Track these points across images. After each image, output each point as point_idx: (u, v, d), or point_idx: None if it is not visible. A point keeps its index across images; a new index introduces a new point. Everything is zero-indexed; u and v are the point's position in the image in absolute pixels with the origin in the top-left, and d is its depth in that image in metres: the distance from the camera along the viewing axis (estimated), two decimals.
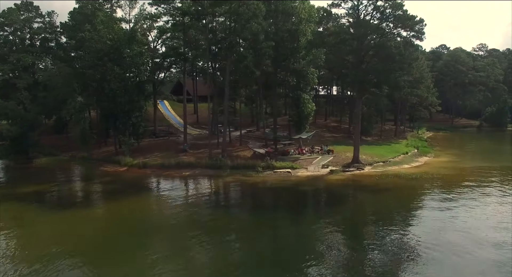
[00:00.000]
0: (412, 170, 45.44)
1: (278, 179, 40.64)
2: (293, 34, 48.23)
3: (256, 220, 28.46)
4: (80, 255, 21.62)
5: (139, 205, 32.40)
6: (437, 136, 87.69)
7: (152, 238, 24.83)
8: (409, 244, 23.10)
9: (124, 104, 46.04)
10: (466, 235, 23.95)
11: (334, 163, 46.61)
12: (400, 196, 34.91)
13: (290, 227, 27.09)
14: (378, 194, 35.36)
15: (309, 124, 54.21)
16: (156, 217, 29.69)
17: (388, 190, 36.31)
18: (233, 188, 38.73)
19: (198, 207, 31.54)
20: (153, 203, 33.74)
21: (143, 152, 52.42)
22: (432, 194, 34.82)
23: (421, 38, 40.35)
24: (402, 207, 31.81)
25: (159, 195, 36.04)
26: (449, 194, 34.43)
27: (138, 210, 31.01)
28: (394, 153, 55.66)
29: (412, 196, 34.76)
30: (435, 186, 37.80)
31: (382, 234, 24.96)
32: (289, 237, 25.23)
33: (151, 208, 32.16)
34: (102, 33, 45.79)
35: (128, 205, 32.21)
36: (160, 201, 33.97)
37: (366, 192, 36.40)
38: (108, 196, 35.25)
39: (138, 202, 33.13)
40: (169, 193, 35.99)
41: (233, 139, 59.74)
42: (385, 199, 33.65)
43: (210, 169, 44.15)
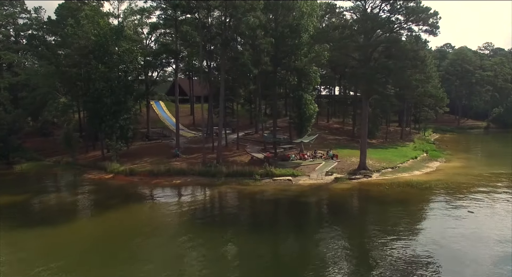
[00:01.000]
0: (424, 177, 41.60)
1: (277, 188, 36.83)
2: (294, 30, 44.45)
3: (253, 240, 24.67)
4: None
5: (118, 221, 28.59)
6: (444, 138, 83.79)
7: (127, 265, 21.07)
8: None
9: (110, 105, 42.25)
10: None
11: (339, 170, 42.82)
12: (415, 211, 30.94)
13: (291, 248, 23.44)
14: (390, 207, 31.46)
15: (311, 126, 50.35)
16: (134, 239, 25.68)
17: (400, 203, 32.44)
18: (227, 200, 34.78)
19: (183, 226, 27.67)
20: (133, 220, 29.05)
21: (132, 157, 48.70)
22: (452, 208, 30.87)
23: (435, 33, 36.55)
24: (417, 223, 27.97)
25: (142, 209, 31.63)
26: (472, 206, 30.65)
27: (117, 228, 27.22)
28: (402, 157, 51.92)
29: (428, 210, 30.78)
30: (453, 197, 33.87)
31: (398, 261, 21.15)
32: (291, 260, 21.58)
33: (131, 227, 27.58)
34: (86, 28, 42.01)
35: (105, 221, 28.44)
36: (141, 218, 29.48)
37: (376, 204, 32.44)
38: (86, 209, 31.55)
39: (118, 218, 29.26)
40: (153, 206, 32.18)
41: (230, 142, 56.02)
42: (398, 214, 29.71)
43: (203, 176, 40.38)
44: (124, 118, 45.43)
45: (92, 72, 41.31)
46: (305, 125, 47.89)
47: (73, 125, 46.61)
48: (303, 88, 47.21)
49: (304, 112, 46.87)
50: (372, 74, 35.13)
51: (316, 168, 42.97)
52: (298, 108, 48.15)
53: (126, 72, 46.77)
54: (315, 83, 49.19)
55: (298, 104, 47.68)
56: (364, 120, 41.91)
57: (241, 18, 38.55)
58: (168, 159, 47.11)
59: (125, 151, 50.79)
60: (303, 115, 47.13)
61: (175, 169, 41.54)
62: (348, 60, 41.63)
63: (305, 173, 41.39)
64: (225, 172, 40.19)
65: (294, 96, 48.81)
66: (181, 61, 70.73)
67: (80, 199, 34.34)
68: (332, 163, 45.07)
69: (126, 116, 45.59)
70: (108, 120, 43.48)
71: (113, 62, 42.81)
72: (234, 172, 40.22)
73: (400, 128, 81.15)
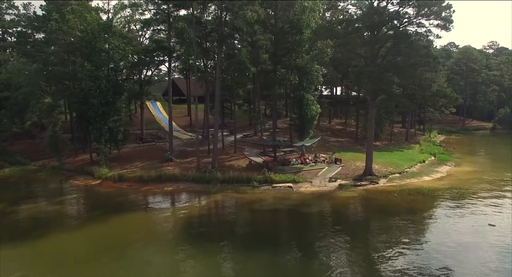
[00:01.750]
0: (435, 184, 38.64)
1: (277, 196, 33.87)
2: (295, 25, 41.47)
3: (251, 258, 21.74)
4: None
5: (100, 236, 25.60)
6: (450, 140, 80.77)
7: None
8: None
9: (98, 106, 39.31)
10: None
11: (343, 175, 39.90)
12: (430, 224, 27.73)
13: (292, 268, 20.52)
14: (401, 219, 28.43)
15: (313, 128, 47.31)
16: (115, 258, 22.77)
17: (412, 213, 29.45)
18: (221, 211, 31.76)
19: (172, 242, 24.69)
20: (115, 235, 25.84)
21: (123, 160, 45.82)
22: (470, 220, 27.91)
23: (448, 28, 33.55)
24: (435, 240, 24.92)
25: (126, 222, 28.33)
26: (492, 217, 27.71)
27: (98, 244, 24.24)
28: (409, 161, 49.01)
29: (445, 223, 27.54)
30: (469, 207, 30.84)
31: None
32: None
33: (113, 243, 24.41)
34: (71, 24, 39.08)
35: (85, 235, 25.50)
36: (124, 233, 26.36)
37: (386, 216, 29.14)
38: (65, 222, 28.28)
39: (100, 232, 26.27)
40: (140, 218, 29.00)
41: (227, 145, 53.12)
42: (412, 227, 26.72)
43: (197, 183, 37.50)
44: (114, 120, 42.48)
45: (78, 70, 38.34)
46: (307, 127, 44.85)
47: (59, 127, 43.53)
48: (304, 88, 44.19)
49: (306, 113, 43.84)
50: (380, 72, 32.15)
51: (318, 173, 40.05)
52: (299, 109, 45.16)
53: (116, 71, 43.90)
54: (317, 82, 46.13)
55: (299, 104, 44.69)
56: (370, 122, 38.97)
57: (238, 12, 35.58)
58: (160, 163, 44.24)
59: (115, 155, 47.99)
60: (305, 117, 44.11)
61: (166, 175, 38.62)
62: (353, 58, 38.70)
63: (307, 179, 38.48)
64: (220, 179, 37.29)
65: (295, 96, 45.80)
66: (178, 60, 68.14)
67: (60, 209, 31.20)
68: (335, 168, 42.15)
69: (115, 117, 42.63)
70: (96, 122, 40.54)
71: (101, 60, 39.86)
72: (230, 178, 37.30)
73: (405, 130, 78.54)
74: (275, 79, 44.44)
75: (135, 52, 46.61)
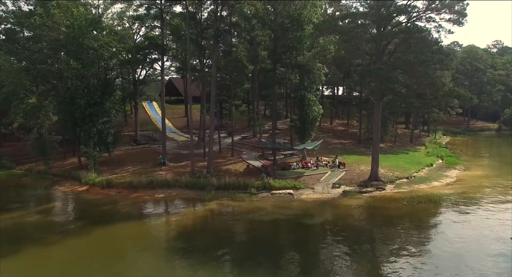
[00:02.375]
0: (445, 190, 36.07)
1: (276, 204, 31.27)
2: (296, 21, 38.92)
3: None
4: None
5: (79, 252, 23.04)
6: (456, 141, 78.23)
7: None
8: None
9: (84, 106, 36.75)
10: None
11: (347, 181, 37.32)
12: (445, 238, 25.02)
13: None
14: (413, 231, 25.89)
15: (315, 130, 44.71)
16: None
17: (425, 224, 26.84)
18: (215, 221, 28.89)
19: (159, 260, 22.15)
20: (96, 252, 23.06)
21: (113, 164, 43.28)
22: (489, 232, 25.30)
23: (462, 22, 30.97)
24: (455, 258, 22.32)
25: (110, 235, 25.68)
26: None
27: (76, 263, 21.67)
28: (416, 165, 46.47)
29: (463, 236, 24.81)
30: (486, 217, 28.29)
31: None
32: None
33: (94, 260, 21.78)
34: (57, 19, 36.53)
35: (63, 252, 22.94)
36: (106, 249, 23.72)
37: (396, 227, 26.61)
38: (42, 235, 25.34)
39: (80, 247, 23.74)
40: (124, 231, 26.31)
41: (225, 147, 50.56)
42: (425, 241, 24.16)
43: (191, 189, 34.97)
44: (103, 121, 39.89)
45: (63, 68, 35.81)
46: (308, 128, 42.25)
47: (46, 129, 41.04)
48: (305, 87, 41.60)
49: (307, 114, 41.23)
50: (388, 70, 29.55)
51: (321, 179, 37.48)
52: (300, 110, 42.55)
53: (106, 70, 41.39)
54: (319, 81, 43.55)
55: (300, 105, 42.09)
56: (376, 124, 36.37)
57: (235, 5, 33.02)
58: (153, 167, 41.69)
59: (106, 158, 45.47)
60: (306, 118, 41.50)
61: (158, 181, 36.04)
62: (358, 55, 36.15)
63: (309, 185, 35.91)
64: (215, 185, 34.74)
65: (295, 96, 43.17)
66: (174, 59, 65.55)
67: (39, 220, 28.35)
68: (339, 172, 39.56)
69: (105, 119, 40.03)
70: (84, 124, 37.97)
71: (89, 57, 37.29)
72: (226, 184, 34.74)
73: (409, 131, 76.04)
74: (275, 78, 41.89)
75: (126, 49, 43.97)
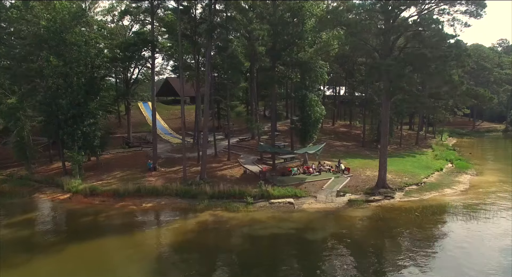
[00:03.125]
0: (460, 198, 33.05)
1: (275, 216, 28.23)
2: (296, 15, 36.02)
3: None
4: None
5: (53, 273, 20.11)
6: (463, 143, 75.09)
7: None
8: None
9: (67, 107, 33.81)
10: None
11: (352, 188, 34.33)
12: (471, 261, 21.73)
13: None
14: (431, 250, 22.86)
15: (317, 133, 41.68)
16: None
17: (447, 247, 23.56)
18: (204, 237, 25.26)
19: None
20: (71, 272, 20.26)
21: (101, 169, 40.36)
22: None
23: (480, 14, 27.97)
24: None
25: (86, 251, 22.66)
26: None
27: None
28: (424, 169, 43.53)
29: (493, 256, 21.81)
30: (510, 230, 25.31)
31: None
32: None
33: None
34: (36, 12, 33.60)
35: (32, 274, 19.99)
36: (81, 266, 20.82)
37: (410, 244, 23.59)
38: (11, 253, 22.37)
39: (53, 267, 20.82)
40: (103, 246, 23.36)
41: (221, 151, 47.61)
42: (447, 263, 21.15)
43: (182, 198, 31.98)
44: (90, 123, 36.95)
45: (43, 66, 32.89)
46: (310, 131, 39.26)
47: (28, 132, 38.12)
48: (307, 87, 38.67)
49: (309, 115, 38.25)
50: (400, 67, 26.54)
51: (324, 185, 34.49)
52: (301, 111, 39.54)
53: (93, 68, 38.44)
54: (321, 80, 40.66)
55: (302, 105, 39.09)
56: (384, 127, 33.33)
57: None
58: (143, 173, 38.78)
59: (93, 163, 42.61)
60: (308, 119, 38.50)
61: (146, 188, 33.02)
62: (365, 51, 33.05)
63: (311, 192, 32.93)
64: (209, 193, 31.75)
65: (296, 96, 40.17)
66: (170, 57, 62.58)
67: (9, 234, 25.32)
68: (343, 179, 36.58)
69: (91, 120, 37.10)
70: (67, 126, 35.02)
71: (72, 54, 34.34)
72: (221, 192, 31.76)
73: (414, 132, 73.12)
74: (274, 77, 38.92)
75: (114, 46, 40.97)
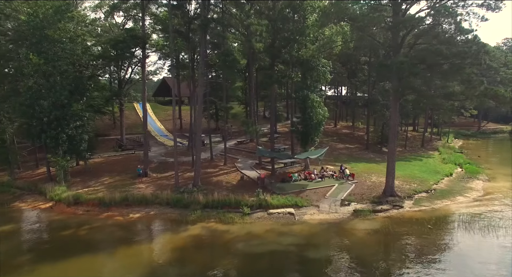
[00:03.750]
0: (475, 207, 30.42)
1: (273, 229, 25.63)
2: (297, 10, 33.48)
3: None
4: None
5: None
6: (469, 145, 72.49)
7: None
8: None
9: (49, 109, 31.30)
10: None
11: (358, 196, 31.74)
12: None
13: None
14: (452, 272, 20.25)
15: (319, 136, 39.08)
16: None
17: (464, 261, 21.15)
18: (192, 255, 22.39)
19: None
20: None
21: (89, 175, 37.83)
22: None
23: (498, 7, 25.37)
24: None
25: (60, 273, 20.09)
26: None
27: None
28: (433, 174, 41.03)
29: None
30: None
31: None
32: None
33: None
34: (15, 5, 31.10)
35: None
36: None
37: (425, 265, 21.00)
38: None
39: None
40: (79, 267, 20.75)
41: (218, 154, 45.09)
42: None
43: (173, 207, 29.40)
44: (76, 126, 34.41)
45: (23, 65, 30.39)
46: (312, 134, 36.69)
47: (10, 135, 35.66)
48: (308, 86, 36.11)
49: (311, 117, 35.67)
50: (413, 64, 23.93)
51: (327, 193, 31.90)
52: (302, 112, 36.96)
53: (80, 66, 35.97)
54: (324, 80, 38.09)
55: (303, 107, 36.53)
56: (393, 130, 30.78)
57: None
58: (133, 179, 36.25)
59: (81, 168, 40.15)
60: (309, 122, 35.92)
61: (135, 197, 30.40)
62: (374, 45, 30.46)
63: (313, 201, 30.34)
64: (202, 202, 29.15)
65: (297, 96, 37.58)
66: (167, 57, 60.28)
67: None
68: (347, 185, 33.99)
69: (78, 123, 34.56)
70: (50, 129, 32.49)
71: (55, 52, 31.80)
72: (214, 201, 29.14)
73: (418, 134, 70.70)
74: (273, 76, 36.35)
75: (102, 43, 38.43)
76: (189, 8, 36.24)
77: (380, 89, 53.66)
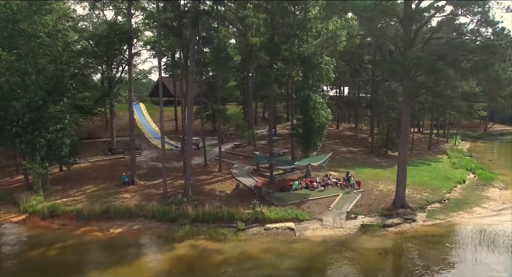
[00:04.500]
0: (497, 221, 27.21)
1: (271, 248, 22.47)
2: (298, 2, 30.37)
3: None
4: None
5: None
6: (478, 148, 69.26)
7: None
8: None
9: (22, 111, 28.22)
10: None
11: (365, 208, 28.63)
12: None
13: None
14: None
15: (322, 140, 35.90)
16: None
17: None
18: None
19: None
20: None
21: (71, 182, 34.71)
22: None
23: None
24: None
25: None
26: None
27: None
28: (444, 181, 38.04)
29: None
30: None
31: None
32: None
33: None
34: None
35: None
36: None
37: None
38: None
39: None
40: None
41: (212, 159, 42.02)
42: None
43: (159, 221, 26.26)
44: (56, 129, 31.31)
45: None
46: (314, 138, 33.52)
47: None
48: (310, 86, 32.97)
49: (313, 120, 32.50)
50: (433, 60, 20.78)
51: (331, 205, 28.76)
52: (303, 114, 33.79)
53: (62, 64, 32.91)
54: (327, 79, 34.98)
55: (304, 108, 33.39)
56: (404, 135, 27.74)
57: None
58: (118, 187, 33.10)
59: (64, 174, 37.12)
60: (311, 125, 32.75)
61: (117, 209, 27.19)
62: (385, 37, 27.30)
63: (315, 214, 27.21)
64: (191, 216, 26.02)
65: (297, 97, 34.41)
66: (162, 55, 57.30)
67: None
68: (353, 195, 30.89)
69: (58, 126, 31.45)
70: (26, 133, 29.40)
71: (31, 48, 28.74)
72: (205, 215, 26.01)
73: (425, 136, 67.63)
74: (271, 75, 33.24)
75: (85, 38, 35.37)
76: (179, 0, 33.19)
77: (386, 89, 50.66)
